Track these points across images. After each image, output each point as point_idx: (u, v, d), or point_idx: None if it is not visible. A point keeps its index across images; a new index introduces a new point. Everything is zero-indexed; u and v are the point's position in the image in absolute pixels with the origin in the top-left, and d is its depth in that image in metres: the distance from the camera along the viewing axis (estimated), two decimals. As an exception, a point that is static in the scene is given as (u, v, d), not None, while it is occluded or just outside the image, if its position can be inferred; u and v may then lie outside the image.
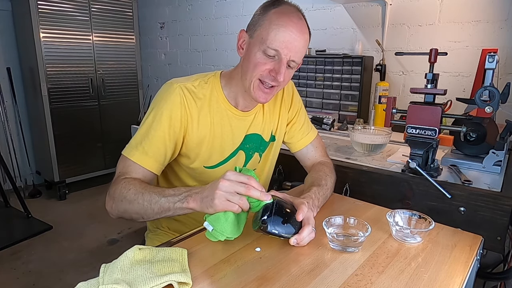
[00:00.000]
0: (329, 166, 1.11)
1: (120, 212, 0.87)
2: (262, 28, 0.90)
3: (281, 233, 0.74)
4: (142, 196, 0.82)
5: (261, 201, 0.74)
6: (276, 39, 0.87)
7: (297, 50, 0.91)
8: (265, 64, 0.90)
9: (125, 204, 0.85)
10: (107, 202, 0.89)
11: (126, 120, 3.20)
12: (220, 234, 0.74)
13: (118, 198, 0.85)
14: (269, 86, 0.94)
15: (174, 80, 0.99)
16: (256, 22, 0.92)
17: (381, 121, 1.82)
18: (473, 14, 1.74)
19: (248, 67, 0.92)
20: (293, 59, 0.91)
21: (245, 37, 0.95)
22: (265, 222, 0.72)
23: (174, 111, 0.94)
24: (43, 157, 3.19)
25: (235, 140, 1.05)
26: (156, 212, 0.81)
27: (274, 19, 0.88)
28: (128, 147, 0.94)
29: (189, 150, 1.00)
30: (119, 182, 0.87)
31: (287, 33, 0.87)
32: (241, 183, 0.73)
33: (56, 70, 2.99)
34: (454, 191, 1.05)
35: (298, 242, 0.75)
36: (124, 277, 0.62)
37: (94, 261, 2.25)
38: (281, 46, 0.88)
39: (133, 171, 0.91)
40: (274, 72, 0.90)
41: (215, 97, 1.01)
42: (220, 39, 3.00)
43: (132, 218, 0.87)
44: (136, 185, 0.85)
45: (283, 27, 0.87)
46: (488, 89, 1.04)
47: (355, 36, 2.18)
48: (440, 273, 0.69)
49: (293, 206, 0.80)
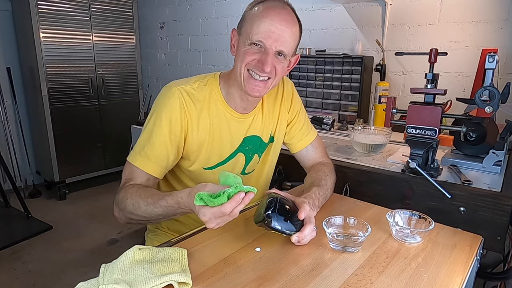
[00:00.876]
0: (329, 167, 1.11)
1: (127, 217, 0.91)
2: (247, 23, 0.91)
3: (284, 229, 0.74)
4: (146, 202, 0.84)
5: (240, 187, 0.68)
6: (259, 30, 0.88)
7: (283, 40, 0.90)
8: (252, 55, 0.91)
9: (131, 211, 0.88)
10: (114, 209, 0.93)
11: (126, 120, 3.20)
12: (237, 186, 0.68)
13: (123, 205, 0.89)
14: (259, 79, 0.92)
15: (173, 83, 0.99)
16: (243, 19, 0.94)
17: (381, 121, 1.82)
18: (473, 14, 1.74)
19: (237, 61, 0.94)
20: (280, 49, 0.90)
21: (235, 35, 0.97)
22: (270, 217, 0.72)
23: (174, 115, 0.94)
24: (43, 157, 3.19)
25: (234, 143, 1.05)
26: (161, 214, 0.85)
27: (257, 13, 0.90)
28: (132, 153, 0.96)
29: (189, 152, 1.00)
30: (123, 189, 0.90)
31: (269, 22, 0.88)
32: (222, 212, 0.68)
33: (56, 70, 2.99)
34: (454, 191, 1.05)
35: (299, 240, 0.75)
36: (124, 277, 0.62)
37: (94, 261, 2.25)
38: (264, 37, 0.88)
39: (137, 176, 0.93)
40: (261, 63, 0.90)
41: (214, 100, 1.01)
42: (220, 39, 3.00)
43: (140, 223, 0.91)
44: (140, 192, 0.87)
45: (266, 17, 0.88)
46: (488, 89, 1.04)
47: (355, 36, 2.18)
48: (440, 273, 0.69)
49: (295, 204, 0.80)
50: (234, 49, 0.97)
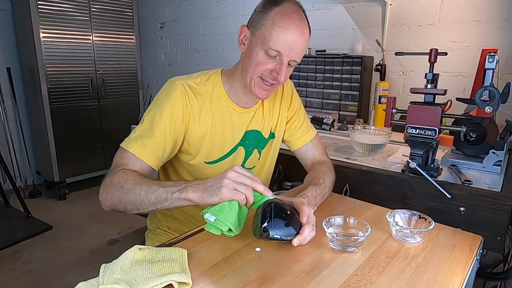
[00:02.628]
0: (328, 165, 1.11)
1: (114, 202, 0.85)
2: (264, 28, 0.90)
3: (283, 236, 0.74)
4: (140, 186, 0.81)
5: (263, 197, 0.76)
6: (279, 40, 0.88)
7: (298, 51, 0.92)
8: (266, 64, 0.92)
9: (121, 194, 0.83)
10: (101, 193, 0.88)
11: (126, 120, 3.21)
12: (223, 224, 0.72)
13: (114, 187, 0.84)
14: (269, 84, 0.95)
15: (176, 78, 1.00)
16: (258, 20, 0.92)
17: (381, 121, 1.82)
18: (473, 14, 1.75)
19: (250, 65, 0.94)
20: (294, 59, 0.92)
21: (247, 32, 0.96)
22: (266, 230, 0.72)
23: (176, 107, 0.94)
24: (43, 157, 3.19)
25: (235, 136, 1.06)
26: (152, 202, 0.80)
27: (276, 20, 0.89)
28: (127, 140, 0.93)
29: (191, 146, 1.00)
30: (116, 173, 0.86)
31: (289, 35, 0.88)
32: (247, 176, 0.75)
33: (56, 70, 2.99)
34: (454, 191, 1.05)
35: (301, 243, 0.75)
36: (124, 277, 0.62)
37: (94, 261, 2.25)
38: (283, 48, 0.89)
39: (130, 163, 0.90)
40: (275, 72, 0.92)
41: (216, 94, 1.02)
42: (220, 39, 3.00)
43: (126, 210, 0.84)
44: (134, 175, 0.85)
45: (286, 29, 0.88)
46: (488, 89, 1.04)
47: (355, 36, 2.18)
48: (440, 273, 0.69)
49: (292, 206, 0.80)
50: (244, 46, 0.97)
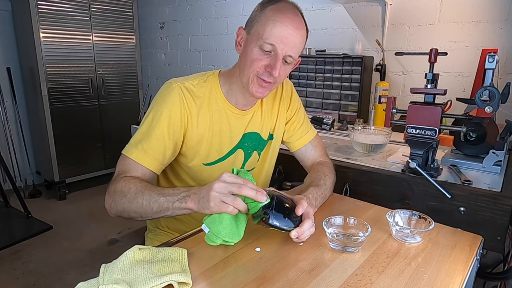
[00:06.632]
0: (328, 166, 1.11)
1: (119, 210, 0.87)
2: (258, 24, 0.91)
3: (282, 226, 0.74)
4: (142, 195, 0.82)
5: (258, 202, 0.73)
6: (272, 33, 0.88)
7: (293, 45, 0.91)
8: (261, 60, 0.91)
9: (124, 203, 0.84)
10: (106, 200, 0.89)
11: (126, 120, 3.20)
12: (216, 236, 0.74)
13: (118, 196, 0.85)
14: (266, 82, 0.95)
15: (173, 80, 1.00)
16: (253, 19, 0.94)
17: (381, 121, 1.82)
18: (473, 14, 1.74)
19: (245, 63, 0.94)
20: (289, 54, 0.91)
21: (243, 34, 0.96)
22: (267, 213, 0.72)
23: (174, 110, 0.94)
24: (43, 157, 3.19)
25: (233, 139, 1.06)
26: (155, 211, 0.81)
27: (270, 15, 0.90)
28: (128, 146, 0.94)
29: (189, 148, 1.00)
30: (118, 181, 0.87)
31: (283, 28, 0.89)
32: (236, 184, 0.73)
33: (56, 70, 2.99)
34: (454, 191, 1.05)
35: (298, 236, 0.75)
36: (124, 277, 0.62)
37: (94, 261, 2.25)
38: (276, 41, 0.89)
39: (132, 169, 0.91)
40: (270, 68, 0.91)
41: (214, 96, 1.01)
42: (220, 39, 3.00)
43: (130, 217, 0.87)
44: (136, 183, 0.85)
45: (279, 22, 0.89)
46: (488, 89, 1.04)
47: (355, 36, 2.18)
48: (440, 273, 0.69)
49: (293, 202, 0.80)
50: (240, 47, 0.97)
